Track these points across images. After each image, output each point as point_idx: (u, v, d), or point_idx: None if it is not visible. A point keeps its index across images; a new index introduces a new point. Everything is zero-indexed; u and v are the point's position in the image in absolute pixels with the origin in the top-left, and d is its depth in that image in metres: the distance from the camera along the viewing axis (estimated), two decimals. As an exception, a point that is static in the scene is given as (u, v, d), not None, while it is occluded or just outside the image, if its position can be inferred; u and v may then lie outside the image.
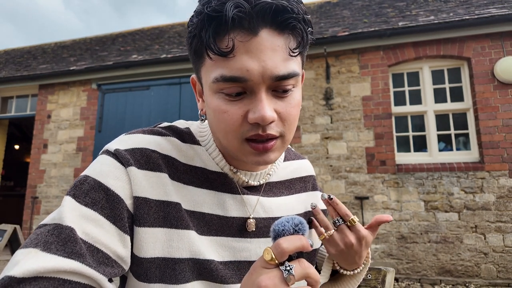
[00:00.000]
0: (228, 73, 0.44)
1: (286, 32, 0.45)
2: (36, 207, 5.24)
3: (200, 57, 0.49)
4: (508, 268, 3.51)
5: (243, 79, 0.44)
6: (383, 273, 0.73)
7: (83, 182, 0.47)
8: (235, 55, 0.44)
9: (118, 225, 0.46)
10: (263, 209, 0.60)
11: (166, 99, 5.02)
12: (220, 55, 0.44)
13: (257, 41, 0.43)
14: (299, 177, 0.70)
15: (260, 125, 0.46)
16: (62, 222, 0.42)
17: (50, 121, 5.47)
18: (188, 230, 0.51)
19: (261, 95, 0.45)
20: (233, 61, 0.44)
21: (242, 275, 0.55)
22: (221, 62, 0.45)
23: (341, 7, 5.84)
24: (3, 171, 6.74)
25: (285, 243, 0.37)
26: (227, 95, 0.46)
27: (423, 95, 4.16)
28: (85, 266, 0.40)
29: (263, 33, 0.44)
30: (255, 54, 0.43)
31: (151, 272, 0.48)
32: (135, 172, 0.49)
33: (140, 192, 0.49)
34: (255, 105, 0.45)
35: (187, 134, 0.58)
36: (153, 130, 0.56)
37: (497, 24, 3.87)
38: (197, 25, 0.45)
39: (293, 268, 0.36)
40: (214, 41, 0.44)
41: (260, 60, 0.43)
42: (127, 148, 0.51)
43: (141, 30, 7.52)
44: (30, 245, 0.40)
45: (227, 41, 0.43)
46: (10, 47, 9.03)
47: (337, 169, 4.15)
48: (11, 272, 0.37)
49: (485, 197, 3.68)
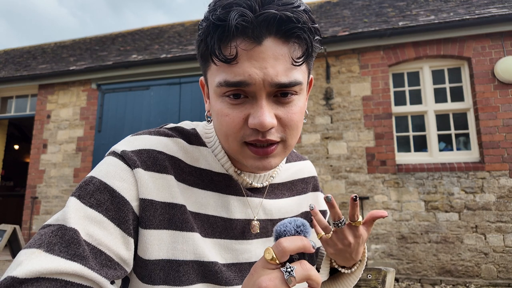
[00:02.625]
0: (231, 78, 0.45)
1: (291, 41, 0.46)
2: (36, 207, 5.24)
3: (206, 61, 0.50)
4: (508, 268, 3.51)
5: (245, 83, 0.45)
6: (383, 273, 0.73)
7: (88, 183, 0.47)
8: (238, 62, 0.45)
9: (122, 228, 0.46)
10: (264, 211, 0.60)
11: (166, 99, 5.01)
12: (224, 62, 0.45)
13: (260, 49, 0.44)
14: (300, 178, 0.70)
15: (260, 131, 0.47)
16: (66, 223, 0.42)
17: (49, 121, 5.47)
18: (192, 232, 0.51)
19: (261, 102, 0.46)
20: (236, 68, 0.45)
21: (244, 276, 0.55)
22: (225, 68, 0.46)
23: (341, 6, 5.84)
24: (2, 171, 6.74)
25: (286, 242, 0.37)
26: (230, 99, 0.47)
27: (423, 95, 4.16)
28: (87, 269, 0.40)
29: (267, 41, 0.45)
30: (258, 61, 0.44)
31: (155, 274, 0.48)
32: (141, 173, 0.49)
33: (146, 194, 0.48)
34: (255, 110, 0.46)
35: (193, 135, 0.58)
36: (160, 131, 0.56)
37: (498, 24, 3.86)
38: (204, 31, 0.47)
39: (294, 270, 0.36)
40: (219, 48, 0.45)
41: (262, 68, 0.44)
42: (133, 150, 0.51)
43: (141, 30, 7.53)
44: (33, 245, 0.41)
45: (231, 49, 0.45)
46: (9, 47, 9.03)
47: (337, 169, 4.14)
48: (14, 273, 0.37)
49: (485, 197, 3.67)
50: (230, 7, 0.43)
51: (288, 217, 0.62)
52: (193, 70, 4.93)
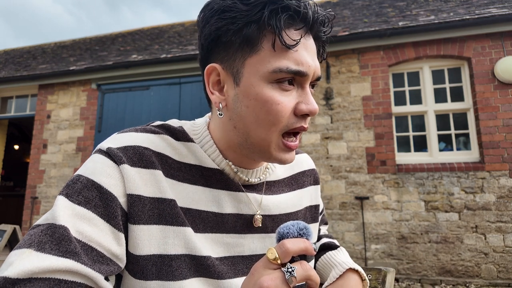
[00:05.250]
0: (293, 65, 0.47)
1: (320, 41, 0.53)
2: (36, 207, 5.24)
3: (253, 46, 0.48)
4: (508, 268, 3.51)
5: (305, 73, 0.48)
6: (383, 273, 0.73)
7: (75, 182, 0.47)
8: (297, 50, 0.48)
9: (112, 223, 0.45)
10: (259, 206, 0.60)
11: (166, 99, 5.01)
12: (287, 47, 0.46)
13: (311, 42, 0.50)
14: (300, 171, 0.70)
15: (305, 118, 0.51)
16: (55, 221, 0.42)
17: (49, 121, 5.47)
18: (184, 227, 0.51)
19: (308, 90, 0.51)
20: (296, 55, 0.48)
21: (236, 270, 0.55)
22: (284, 54, 0.47)
23: (341, 7, 5.84)
24: (2, 171, 6.74)
25: (289, 244, 0.38)
26: (284, 86, 0.49)
27: (423, 95, 4.16)
28: (80, 265, 0.40)
29: (311, 38, 0.51)
30: (309, 53, 0.49)
31: (148, 270, 0.48)
32: (128, 169, 0.48)
33: (133, 189, 0.48)
34: (304, 98, 0.50)
35: (180, 132, 0.57)
36: (146, 128, 0.56)
37: (498, 24, 3.86)
38: (257, 12, 0.47)
39: (295, 270, 0.37)
40: (284, 32, 0.47)
41: (313, 59, 0.50)
42: (119, 146, 0.50)
43: (141, 30, 7.53)
44: (23, 245, 0.40)
45: (296, 35, 0.48)
46: (9, 47, 9.03)
47: (337, 169, 4.14)
48: (5, 273, 0.37)
49: (485, 197, 3.67)
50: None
51: (288, 212, 0.63)
52: (193, 70, 4.93)
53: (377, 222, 3.91)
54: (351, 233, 3.97)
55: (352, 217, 4.00)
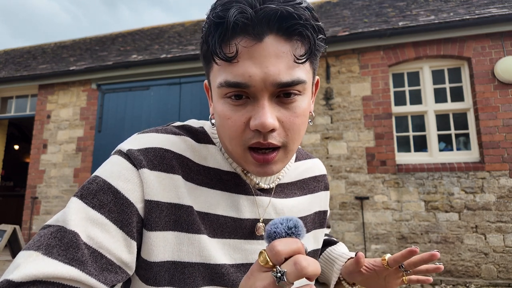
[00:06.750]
0: (231, 78, 0.44)
1: (294, 38, 0.44)
2: (36, 207, 5.23)
3: (209, 62, 0.49)
4: (508, 268, 3.51)
5: (245, 85, 0.43)
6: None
7: (92, 182, 0.46)
8: (238, 60, 0.43)
9: (125, 230, 0.44)
10: (275, 211, 0.58)
11: (166, 99, 5.01)
12: (224, 60, 0.44)
13: (261, 47, 0.43)
14: (312, 176, 0.69)
15: (262, 133, 0.45)
16: (66, 225, 0.41)
17: (49, 121, 5.47)
18: (199, 234, 0.50)
19: (263, 102, 0.44)
20: (237, 67, 0.44)
21: None
22: (226, 67, 0.45)
23: (341, 7, 5.84)
24: (2, 171, 6.74)
25: (280, 246, 0.35)
26: (232, 100, 0.46)
27: (423, 95, 4.16)
28: (85, 275, 0.39)
29: (269, 39, 0.43)
30: (259, 60, 0.43)
31: (160, 276, 0.48)
32: (147, 174, 0.47)
33: (152, 195, 0.47)
34: (256, 111, 0.44)
35: (201, 133, 0.57)
36: (167, 129, 0.55)
37: (498, 24, 3.86)
38: (205, 31, 0.46)
39: (285, 274, 0.33)
40: (220, 47, 0.44)
41: (263, 67, 0.43)
42: (140, 148, 0.49)
43: (141, 30, 7.53)
44: (32, 247, 0.40)
45: (231, 47, 0.43)
46: (9, 47, 9.03)
47: (337, 169, 4.14)
48: (10, 276, 0.37)
49: (485, 197, 3.67)
50: (230, 4, 0.43)
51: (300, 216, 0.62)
52: (193, 70, 4.93)
53: (377, 222, 3.91)
54: (351, 233, 3.97)
55: (352, 217, 4.00)
